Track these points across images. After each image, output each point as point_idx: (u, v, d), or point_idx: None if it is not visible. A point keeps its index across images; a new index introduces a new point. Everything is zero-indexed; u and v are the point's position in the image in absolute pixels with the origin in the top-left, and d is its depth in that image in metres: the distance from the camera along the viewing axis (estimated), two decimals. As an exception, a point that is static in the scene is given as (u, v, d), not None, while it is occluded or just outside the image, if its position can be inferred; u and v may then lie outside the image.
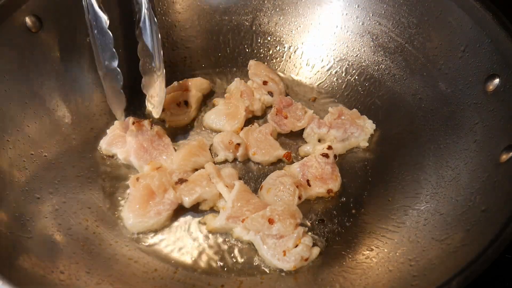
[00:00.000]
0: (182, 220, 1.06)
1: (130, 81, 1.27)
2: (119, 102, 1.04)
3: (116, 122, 1.18)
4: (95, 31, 0.96)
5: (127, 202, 1.05)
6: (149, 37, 1.08)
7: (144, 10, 1.08)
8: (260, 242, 0.99)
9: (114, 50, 0.98)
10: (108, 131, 1.17)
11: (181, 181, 1.07)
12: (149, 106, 1.13)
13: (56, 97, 1.15)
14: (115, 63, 0.99)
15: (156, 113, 1.14)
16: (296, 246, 0.97)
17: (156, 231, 1.04)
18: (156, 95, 1.09)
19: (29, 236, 0.92)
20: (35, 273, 0.85)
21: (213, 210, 1.08)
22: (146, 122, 1.14)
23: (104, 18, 0.95)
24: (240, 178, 1.13)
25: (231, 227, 1.03)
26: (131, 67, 1.24)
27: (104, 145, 1.16)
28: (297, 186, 1.08)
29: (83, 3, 0.95)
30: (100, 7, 0.94)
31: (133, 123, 1.14)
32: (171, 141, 1.18)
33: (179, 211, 1.06)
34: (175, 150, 1.16)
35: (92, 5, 0.94)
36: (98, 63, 1.01)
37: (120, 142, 1.15)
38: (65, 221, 1.00)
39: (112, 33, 1.03)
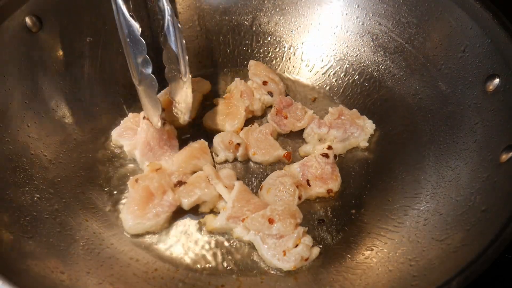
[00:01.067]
0: (182, 221, 1.06)
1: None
2: (155, 108, 1.05)
3: (130, 114, 1.19)
4: (128, 40, 0.98)
5: (126, 203, 1.05)
6: (173, 43, 1.08)
7: (168, 17, 1.08)
8: (260, 242, 0.99)
9: (147, 56, 0.98)
10: (122, 121, 1.19)
11: (180, 183, 1.07)
12: (175, 113, 1.13)
13: (56, 97, 1.15)
14: (150, 70, 0.99)
15: (183, 120, 1.13)
16: (296, 246, 0.97)
17: (154, 233, 1.04)
18: (183, 101, 1.09)
19: (29, 236, 0.92)
20: (35, 273, 0.85)
21: (213, 212, 1.08)
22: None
23: (136, 26, 0.96)
24: (240, 178, 1.13)
25: (231, 227, 1.03)
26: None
27: (114, 134, 1.18)
28: (297, 186, 1.08)
29: (114, 13, 0.96)
30: (131, 16, 0.95)
31: (144, 117, 1.14)
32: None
33: (179, 213, 1.06)
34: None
35: (123, 13, 0.95)
36: (132, 70, 1.03)
37: (130, 134, 1.16)
38: (65, 221, 1.00)
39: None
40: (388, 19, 1.25)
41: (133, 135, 1.16)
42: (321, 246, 1.02)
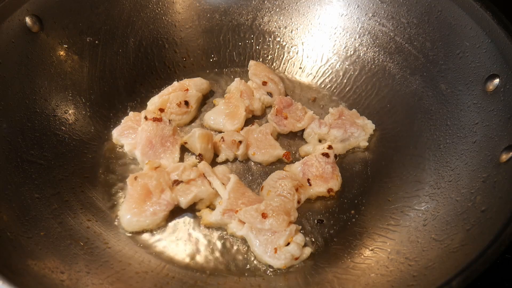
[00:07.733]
0: (181, 220, 1.06)
1: (133, 77, 1.28)
2: None
3: (130, 113, 1.20)
4: None
5: (125, 201, 1.05)
6: None
7: None
8: (252, 237, 0.99)
9: None
10: (122, 120, 1.19)
11: (177, 182, 1.07)
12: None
13: (56, 97, 1.15)
14: None
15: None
16: (288, 244, 0.97)
17: (151, 231, 1.04)
18: None
19: (29, 236, 0.92)
20: (35, 273, 0.85)
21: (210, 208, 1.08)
22: (165, 118, 1.17)
23: None
24: (240, 178, 1.13)
25: (226, 223, 1.03)
26: (135, 63, 1.29)
27: (115, 134, 1.18)
28: (296, 190, 1.07)
29: None
30: None
31: (145, 117, 1.15)
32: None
33: (177, 211, 1.06)
34: (184, 144, 1.17)
35: None
36: None
37: (130, 133, 1.16)
38: (65, 221, 1.00)
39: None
40: (388, 19, 1.25)
41: (134, 134, 1.16)
42: (320, 247, 1.02)
